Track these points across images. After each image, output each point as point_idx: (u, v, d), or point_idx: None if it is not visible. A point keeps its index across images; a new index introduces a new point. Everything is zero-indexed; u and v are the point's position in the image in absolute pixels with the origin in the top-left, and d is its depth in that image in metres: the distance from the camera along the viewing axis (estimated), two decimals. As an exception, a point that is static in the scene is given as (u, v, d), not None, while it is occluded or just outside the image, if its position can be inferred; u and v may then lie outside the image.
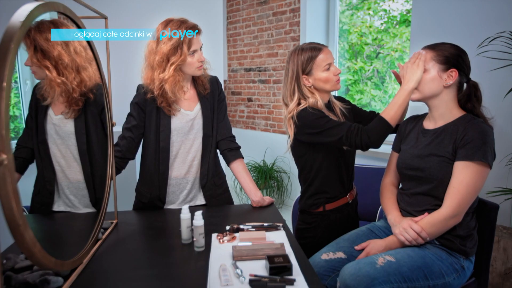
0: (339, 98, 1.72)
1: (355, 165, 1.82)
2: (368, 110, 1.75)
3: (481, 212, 1.44)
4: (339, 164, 1.58)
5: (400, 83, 1.47)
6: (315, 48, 1.51)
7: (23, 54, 1.19)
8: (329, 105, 1.61)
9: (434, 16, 2.36)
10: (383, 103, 3.20)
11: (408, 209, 1.40)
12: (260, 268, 1.06)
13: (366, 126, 1.41)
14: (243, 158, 1.71)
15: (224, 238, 1.26)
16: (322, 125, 1.44)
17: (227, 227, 1.34)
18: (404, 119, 1.61)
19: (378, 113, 1.67)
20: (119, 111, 1.73)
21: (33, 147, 1.30)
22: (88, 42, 1.23)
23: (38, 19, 0.82)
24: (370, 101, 3.28)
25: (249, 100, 4.24)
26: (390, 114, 1.38)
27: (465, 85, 1.38)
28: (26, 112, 1.31)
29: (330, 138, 1.44)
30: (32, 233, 0.72)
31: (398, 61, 3.06)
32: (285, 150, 1.71)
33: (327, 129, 1.43)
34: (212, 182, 1.67)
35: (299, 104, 1.53)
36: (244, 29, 4.17)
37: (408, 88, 1.36)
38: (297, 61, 1.52)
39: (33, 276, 0.99)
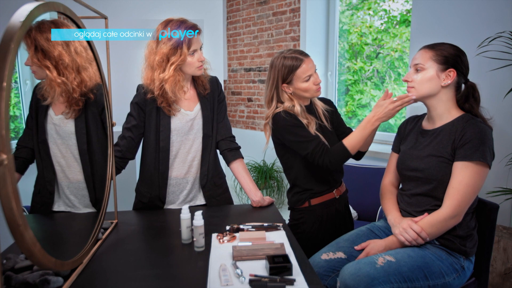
0: (324, 100, 1.75)
1: (355, 165, 1.82)
2: (346, 126, 1.78)
3: (481, 212, 1.44)
4: None
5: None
6: (297, 59, 1.55)
7: (23, 54, 1.19)
8: (310, 107, 1.65)
9: (434, 16, 2.36)
10: (383, 103, 3.20)
11: (408, 210, 1.40)
12: (260, 268, 1.06)
13: (330, 149, 1.51)
14: (243, 158, 1.71)
15: (224, 238, 1.26)
16: (295, 134, 1.53)
17: (227, 227, 1.34)
18: (404, 120, 1.61)
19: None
20: (119, 111, 1.73)
21: (34, 147, 1.30)
22: (88, 42, 1.23)
23: (39, 19, 0.82)
24: (370, 101, 3.28)
25: (249, 100, 4.24)
26: (352, 145, 1.48)
27: (463, 85, 1.38)
28: (26, 112, 1.31)
29: (299, 151, 1.54)
30: (32, 233, 0.73)
31: (398, 61, 3.06)
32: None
33: (299, 142, 1.53)
34: (212, 182, 1.67)
35: (276, 108, 1.60)
36: (244, 29, 4.17)
37: (374, 127, 1.45)
38: (278, 70, 1.57)
39: (33, 276, 0.99)
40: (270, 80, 1.61)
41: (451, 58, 1.32)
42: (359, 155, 1.71)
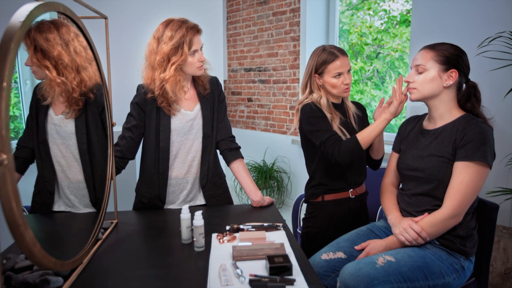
0: (356, 104, 1.77)
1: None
2: None
3: (481, 212, 1.44)
4: None
5: (375, 114, 1.58)
6: (333, 54, 1.59)
7: (23, 54, 1.19)
8: (340, 106, 1.68)
9: (434, 16, 2.36)
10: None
11: (408, 210, 1.40)
12: (260, 268, 1.06)
13: (342, 142, 1.50)
14: (243, 158, 1.71)
15: (224, 238, 1.26)
16: (314, 124, 1.56)
17: (227, 227, 1.34)
18: (404, 120, 1.61)
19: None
20: (119, 111, 1.73)
21: (34, 147, 1.30)
22: (88, 42, 1.23)
23: (38, 19, 0.82)
24: (370, 101, 3.28)
25: (249, 100, 4.24)
26: (364, 138, 1.47)
27: (464, 85, 1.38)
28: (26, 112, 1.31)
29: (314, 140, 1.56)
30: (32, 233, 0.72)
31: (398, 61, 3.06)
32: (285, 150, 1.76)
33: (316, 131, 1.55)
34: (212, 182, 1.67)
35: (306, 97, 1.65)
36: (244, 29, 4.17)
37: (388, 117, 1.44)
38: (315, 60, 1.62)
39: (33, 276, 0.99)
40: (307, 68, 1.66)
41: (452, 58, 1.32)
42: (374, 163, 1.73)
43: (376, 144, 1.65)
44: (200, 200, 1.68)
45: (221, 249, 1.20)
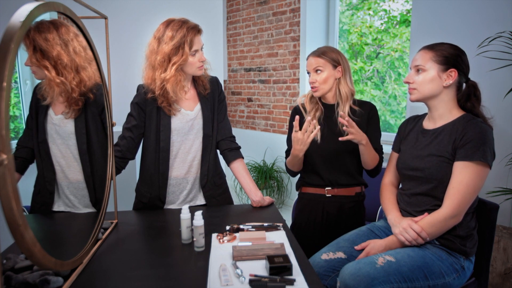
0: (364, 104, 1.71)
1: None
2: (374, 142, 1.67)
3: (481, 212, 1.44)
4: (312, 156, 1.69)
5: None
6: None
7: (23, 54, 1.19)
8: (332, 107, 1.70)
9: (434, 16, 2.36)
10: (383, 103, 3.20)
11: (408, 209, 1.40)
12: (260, 268, 1.06)
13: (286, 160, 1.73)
14: (243, 158, 1.71)
15: (224, 238, 1.26)
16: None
17: (227, 227, 1.34)
18: (404, 120, 1.61)
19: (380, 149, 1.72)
20: (119, 111, 1.73)
21: (34, 147, 1.30)
22: (88, 42, 1.23)
23: (38, 19, 0.82)
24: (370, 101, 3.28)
25: (249, 100, 4.24)
26: (289, 164, 1.71)
27: (464, 85, 1.38)
28: (26, 112, 1.31)
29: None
30: (32, 233, 0.72)
31: (398, 61, 3.06)
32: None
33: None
34: (212, 182, 1.67)
35: None
36: (244, 29, 4.17)
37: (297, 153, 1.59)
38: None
39: (33, 276, 0.99)
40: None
41: (452, 58, 1.32)
42: (369, 172, 1.71)
43: (363, 157, 1.61)
44: (200, 200, 1.68)
45: (221, 249, 1.20)
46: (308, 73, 1.68)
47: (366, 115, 1.68)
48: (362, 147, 1.55)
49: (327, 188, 1.69)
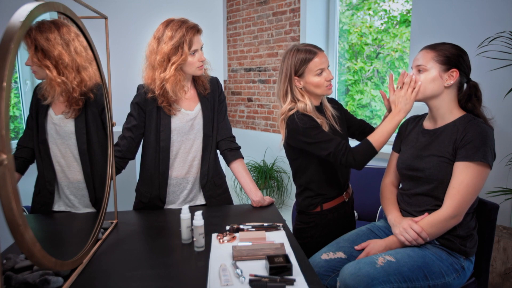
0: (330, 100, 1.71)
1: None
2: (357, 118, 1.78)
3: (481, 212, 1.44)
4: (334, 167, 1.59)
5: (386, 105, 1.53)
6: (311, 51, 1.51)
7: (23, 54, 1.19)
8: (320, 108, 1.62)
9: (434, 16, 2.36)
10: (383, 103, 3.20)
11: (408, 209, 1.40)
12: (260, 268, 1.06)
13: (354, 148, 1.44)
14: (243, 158, 1.71)
15: (224, 238, 1.26)
16: (313, 136, 1.46)
17: (227, 227, 1.34)
18: (404, 120, 1.61)
19: (367, 123, 1.75)
20: (119, 111, 1.73)
21: (34, 147, 1.31)
22: (88, 42, 1.23)
23: (39, 19, 0.82)
24: (370, 101, 3.28)
25: (249, 100, 4.24)
26: (378, 141, 1.43)
27: (465, 85, 1.38)
28: (26, 112, 1.31)
29: (319, 152, 1.47)
30: (32, 233, 0.73)
31: (398, 61, 3.06)
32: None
33: (318, 142, 1.46)
34: (212, 182, 1.67)
35: (291, 108, 1.54)
36: (244, 29, 4.17)
37: (399, 118, 1.42)
38: (291, 61, 1.52)
39: (33, 276, 0.99)
40: (283, 73, 1.55)
41: (453, 58, 1.32)
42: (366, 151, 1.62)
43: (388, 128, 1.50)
44: (200, 200, 1.68)
45: (221, 249, 1.20)
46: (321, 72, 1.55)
47: (341, 108, 1.71)
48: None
49: (344, 193, 1.64)
